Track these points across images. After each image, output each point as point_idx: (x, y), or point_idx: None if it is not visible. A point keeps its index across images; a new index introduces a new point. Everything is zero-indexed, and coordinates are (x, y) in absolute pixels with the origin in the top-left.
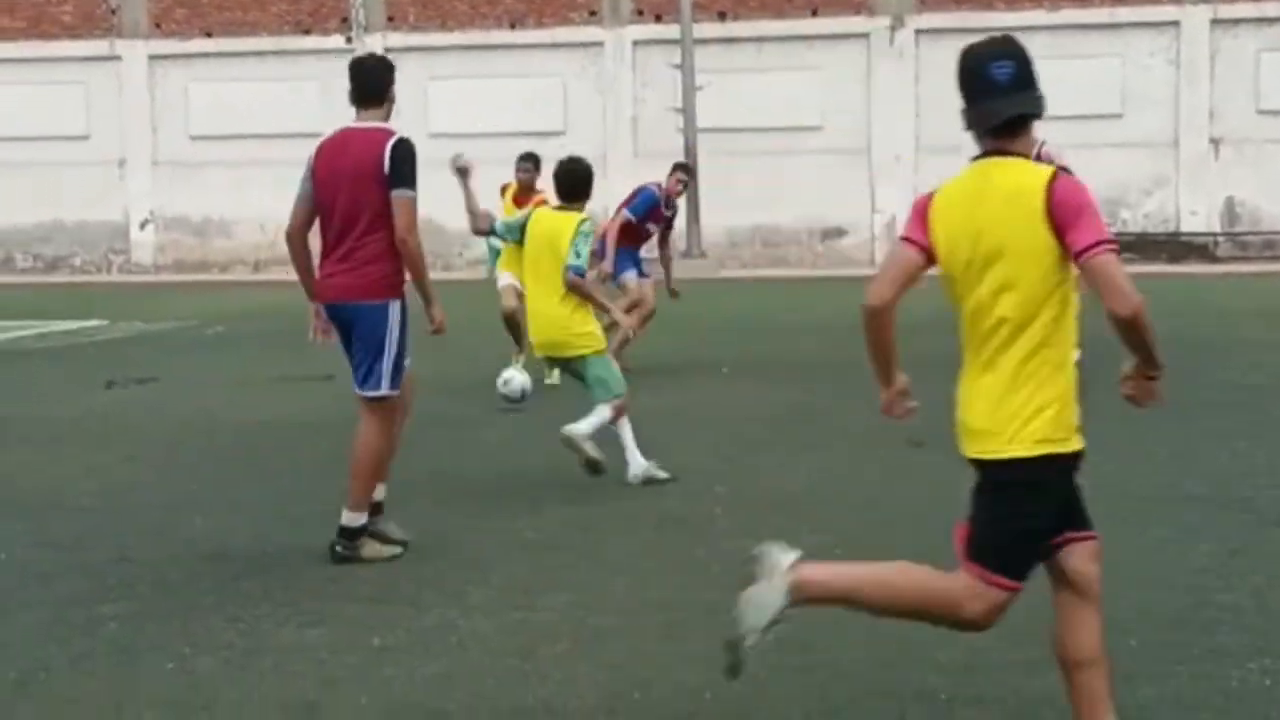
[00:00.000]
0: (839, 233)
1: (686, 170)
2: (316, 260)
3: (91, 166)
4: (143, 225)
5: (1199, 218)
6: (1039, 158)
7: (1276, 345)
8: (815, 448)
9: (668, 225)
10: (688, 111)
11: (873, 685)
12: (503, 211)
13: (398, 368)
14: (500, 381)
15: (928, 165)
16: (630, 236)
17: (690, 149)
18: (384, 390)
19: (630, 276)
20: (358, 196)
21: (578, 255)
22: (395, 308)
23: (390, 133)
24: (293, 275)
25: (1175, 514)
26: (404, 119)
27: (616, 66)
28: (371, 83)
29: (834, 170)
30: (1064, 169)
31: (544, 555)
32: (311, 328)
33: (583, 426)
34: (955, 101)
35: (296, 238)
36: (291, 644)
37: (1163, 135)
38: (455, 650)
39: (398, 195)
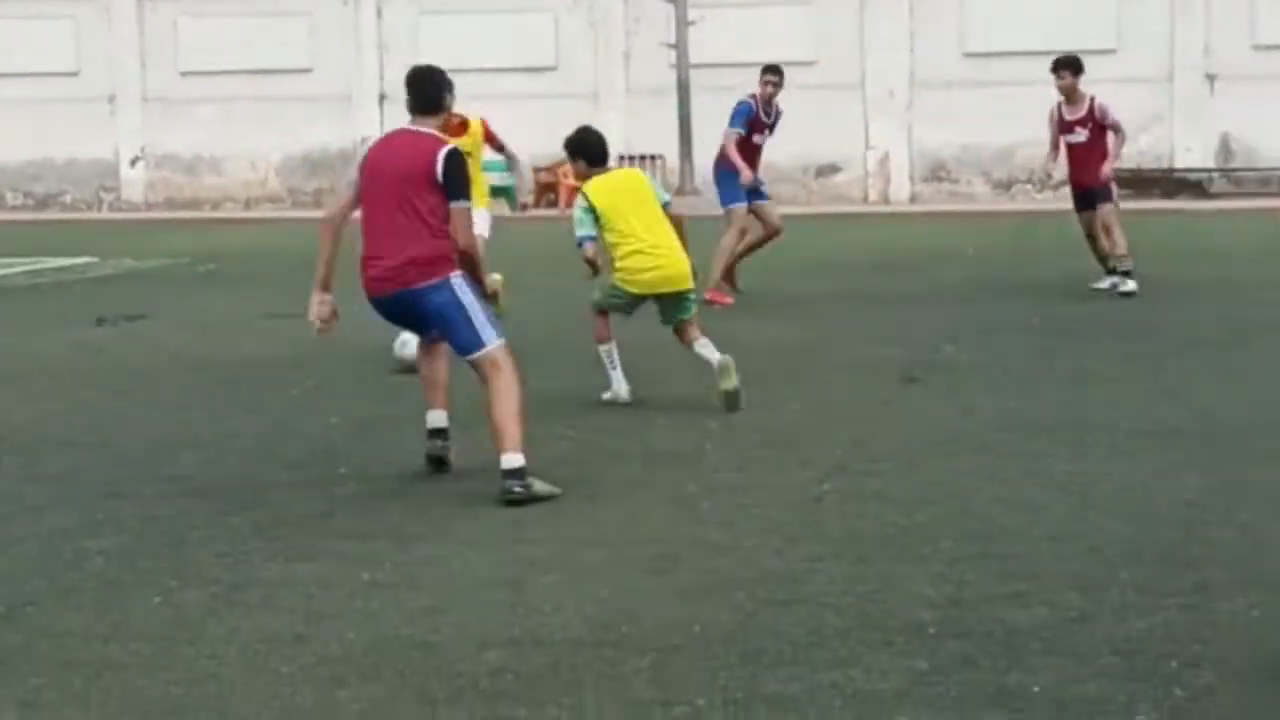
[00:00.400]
0: (832, 169)
1: (775, 71)
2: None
3: (81, 103)
4: (133, 162)
5: (1194, 154)
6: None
7: (1269, 282)
8: (808, 383)
9: (768, 133)
10: (680, 46)
11: (860, 618)
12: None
13: (490, 317)
14: (398, 343)
15: (921, 100)
16: (745, 153)
17: (683, 84)
18: (491, 343)
19: (739, 208)
20: (406, 195)
21: (669, 192)
22: (456, 276)
23: (443, 141)
24: (282, 212)
25: (1165, 448)
26: (394, 54)
27: (608, 0)
28: (431, 94)
29: (827, 106)
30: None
31: None
32: (314, 313)
33: (713, 354)
34: (949, 36)
35: (335, 223)
36: (279, 579)
37: (1157, 71)
38: (444, 583)
39: (457, 207)
